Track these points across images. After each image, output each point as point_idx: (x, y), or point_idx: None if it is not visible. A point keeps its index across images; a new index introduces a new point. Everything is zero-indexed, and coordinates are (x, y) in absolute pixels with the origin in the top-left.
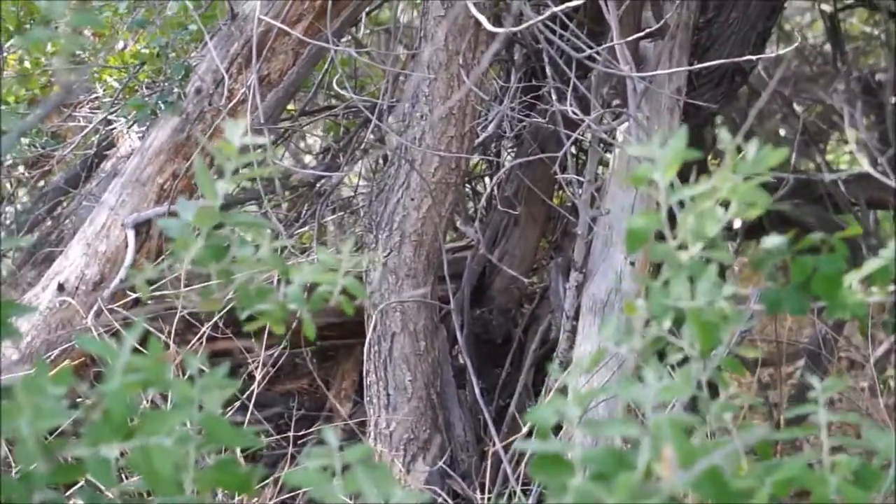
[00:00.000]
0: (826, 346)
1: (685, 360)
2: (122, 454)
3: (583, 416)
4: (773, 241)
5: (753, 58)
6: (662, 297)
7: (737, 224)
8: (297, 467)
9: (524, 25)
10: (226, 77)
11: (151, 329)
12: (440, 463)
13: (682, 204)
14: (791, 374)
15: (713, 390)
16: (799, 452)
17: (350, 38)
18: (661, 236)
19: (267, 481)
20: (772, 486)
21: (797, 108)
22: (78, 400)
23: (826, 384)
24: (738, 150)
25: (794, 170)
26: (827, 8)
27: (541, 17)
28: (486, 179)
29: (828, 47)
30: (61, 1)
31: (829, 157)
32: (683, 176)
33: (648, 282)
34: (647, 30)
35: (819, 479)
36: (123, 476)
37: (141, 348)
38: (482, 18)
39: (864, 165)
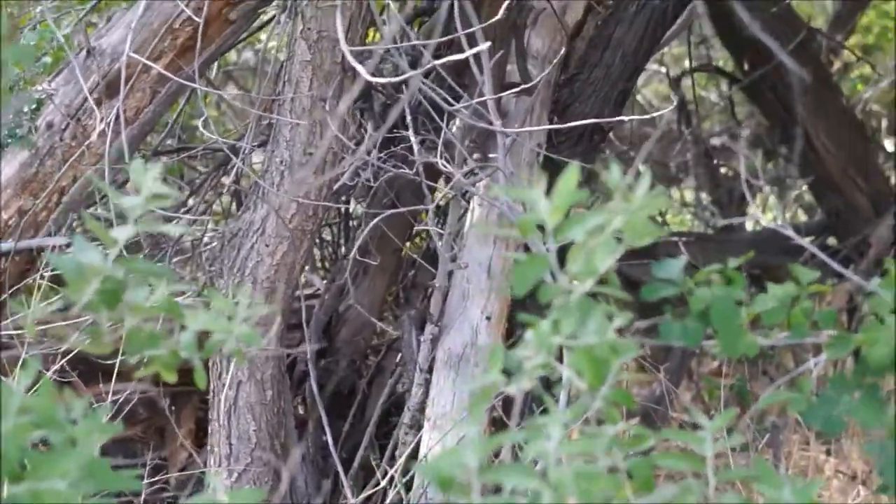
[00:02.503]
0: (662, 405)
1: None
2: None
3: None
4: (666, 268)
5: (626, 119)
6: (551, 336)
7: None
8: None
9: (403, 77)
10: (96, 110)
11: None
12: None
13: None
14: (623, 433)
15: None
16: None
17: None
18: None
19: None
20: None
21: (640, 167)
22: None
23: (715, 421)
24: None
25: None
26: (672, 72)
27: (419, 71)
28: (334, 228)
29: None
30: None
31: (669, 216)
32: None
33: (535, 321)
34: (521, 85)
35: None
36: None
37: None
38: (360, 69)
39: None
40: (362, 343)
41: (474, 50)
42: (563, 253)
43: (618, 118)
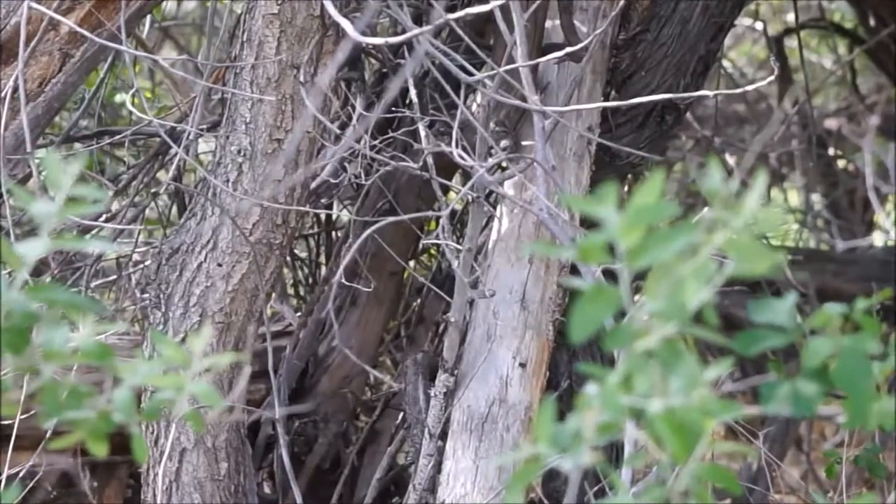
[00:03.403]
0: (760, 484)
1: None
2: None
3: None
4: (770, 309)
5: (709, 93)
6: (622, 396)
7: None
8: None
9: (405, 36)
10: None
11: None
12: None
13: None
14: None
15: None
16: None
17: (132, 38)
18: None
19: None
20: None
21: (728, 159)
22: None
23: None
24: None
25: None
26: (771, 29)
27: (427, 28)
28: (311, 241)
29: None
30: None
31: None
32: None
33: (600, 371)
34: (565, 47)
35: None
36: None
37: None
38: (347, 24)
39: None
40: (350, 398)
41: None
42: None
43: (697, 92)
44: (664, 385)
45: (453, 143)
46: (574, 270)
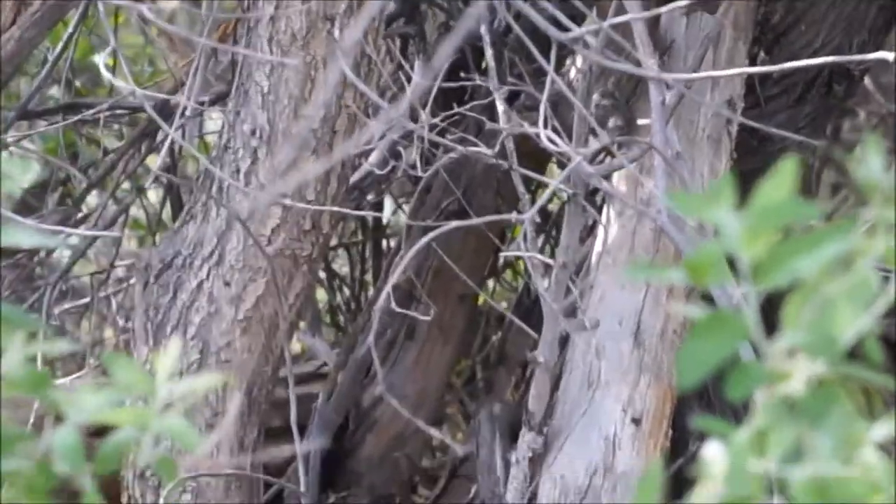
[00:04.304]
0: None
1: None
2: None
3: None
4: None
5: (891, 57)
6: (752, 458)
7: None
8: None
9: None
10: None
11: None
12: None
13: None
14: None
15: None
16: None
17: None
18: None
19: None
20: None
21: None
22: None
23: None
24: None
25: None
26: None
27: None
28: (354, 253)
29: None
30: None
31: None
32: None
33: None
34: None
35: None
36: None
37: None
38: None
39: None
40: (405, 465)
41: None
42: (769, 307)
43: (877, 54)
44: (812, 446)
45: (541, 123)
46: (708, 297)
